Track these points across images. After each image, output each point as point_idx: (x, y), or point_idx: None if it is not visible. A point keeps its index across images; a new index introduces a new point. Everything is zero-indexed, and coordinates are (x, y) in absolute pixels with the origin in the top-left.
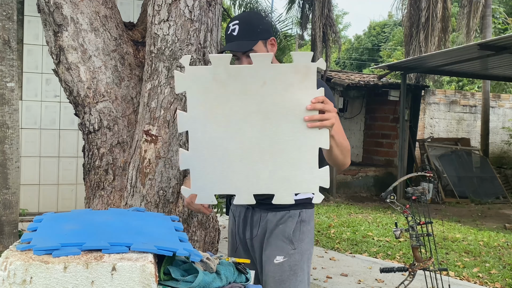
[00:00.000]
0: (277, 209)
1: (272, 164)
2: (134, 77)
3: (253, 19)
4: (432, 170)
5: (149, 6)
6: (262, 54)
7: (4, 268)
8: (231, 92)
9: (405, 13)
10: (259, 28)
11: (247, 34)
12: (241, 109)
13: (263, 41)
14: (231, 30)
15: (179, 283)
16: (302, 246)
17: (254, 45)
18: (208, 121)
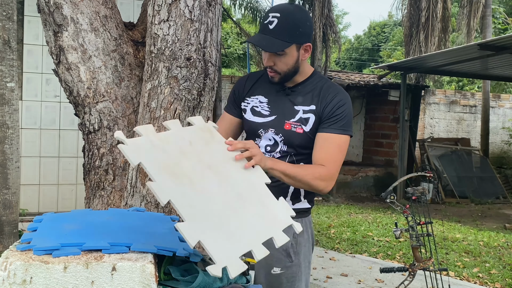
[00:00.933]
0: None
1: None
2: (134, 77)
3: (296, 19)
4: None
5: (149, 6)
6: (172, 122)
7: (4, 268)
8: (173, 155)
9: (405, 13)
10: (299, 30)
11: (283, 33)
12: (193, 168)
13: (297, 45)
14: (269, 21)
15: (179, 283)
16: (300, 258)
17: (286, 47)
18: (178, 185)
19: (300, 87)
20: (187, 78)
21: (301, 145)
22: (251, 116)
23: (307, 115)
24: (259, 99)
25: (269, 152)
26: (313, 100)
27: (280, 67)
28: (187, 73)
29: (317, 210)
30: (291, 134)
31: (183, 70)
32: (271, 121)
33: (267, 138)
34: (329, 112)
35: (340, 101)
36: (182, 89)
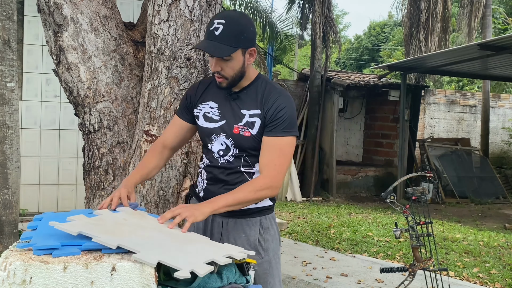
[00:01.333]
0: (237, 216)
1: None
2: (134, 77)
3: (240, 24)
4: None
5: (149, 6)
6: (102, 210)
7: (4, 268)
8: (109, 225)
9: (405, 13)
10: (243, 35)
11: (229, 39)
12: (133, 230)
13: (243, 49)
14: (214, 28)
15: (179, 283)
16: (269, 255)
17: (233, 52)
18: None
19: (245, 91)
20: (187, 78)
21: (251, 148)
22: (203, 122)
23: (253, 118)
24: (210, 104)
25: (223, 156)
26: (257, 104)
27: (227, 72)
28: (187, 73)
29: (317, 210)
30: (240, 138)
31: (183, 70)
32: (221, 126)
33: (219, 143)
34: (271, 116)
35: (281, 104)
36: (182, 89)
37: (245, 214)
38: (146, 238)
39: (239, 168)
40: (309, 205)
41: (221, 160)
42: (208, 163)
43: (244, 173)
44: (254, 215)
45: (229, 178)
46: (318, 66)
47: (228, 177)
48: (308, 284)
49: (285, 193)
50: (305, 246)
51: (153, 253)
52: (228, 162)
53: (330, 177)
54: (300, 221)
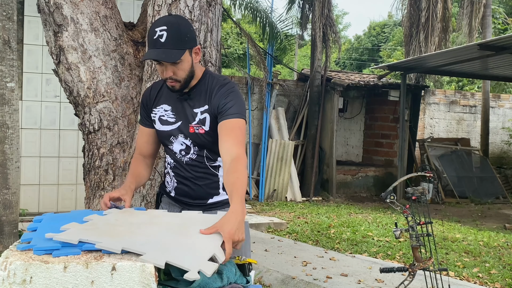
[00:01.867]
0: (211, 208)
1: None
2: (134, 77)
3: (181, 26)
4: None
5: (149, 6)
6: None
7: (4, 268)
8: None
9: (405, 13)
10: (187, 36)
11: (175, 42)
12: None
13: (189, 50)
14: (158, 36)
15: (179, 283)
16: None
17: (182, 55)
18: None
19: (195, 90)
20: None
21: (208, 143)
22: (160, 126)
23: (203, 115)
24: (164, 107)
25: (185, 155)
26: (206, 100)
27: (180, 75)
28: None
29: (317, 210)
30: (196, 136)
31: None
32: (178, 127)
33: (179, 143)
34: (219, 105)
35: (225, 92)
36: None
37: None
38: (145, 235)
39: (205, 163)
40: (309, 205)
41: (185, 159)
42: (173, 163)
43: (210, 167)
44: (225, 206)
45: (197, 175)
46: (318, 66)
47: (196, 173)
48: (308, 284)
49: (285, 193)
50: (305, 246)
51: (159, 253)
52: (191, 160)
53: (330, 177)
54: (300, 221)
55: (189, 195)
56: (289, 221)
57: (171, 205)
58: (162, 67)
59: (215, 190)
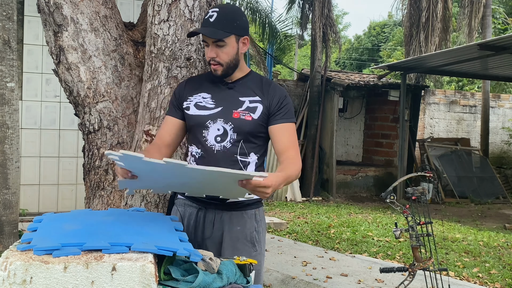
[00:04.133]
0: (232, 209)
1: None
2: (134, 77)
3: (233, 12)
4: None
5: (149, 6)
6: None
7: (4, 268)
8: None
9: (405, 13)
10: (236, 22)
11: (223, 24)
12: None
13: (236, 36)
14: (209, 16)
15: (179, 283)
16: (262, 247)
17: (227, 37)
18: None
19: (240, 82)
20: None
21: (251, 132)
22: (195, 111)
23: (254, 104)
24: (202, 95)
25: (220, 142)
26: (257, 92)
27: (223, 58)
28: (187, 73)
29: (317, 210)
30: (241, 122)
31: (183, 70)
32: (218, 112)
33: (215, 129)
34: (277, 105)
35: (282, 94)
36: None
37: (240, 207)
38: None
39: (236, 156)
40: (309, 205)
41: (216, 147)
42: (200, 153)
43: (239, 162)
44: (249, 207)
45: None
46: (318, 66)
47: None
48: (308, 284)
49: (285, 193)
50: (305, 246)
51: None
52: (224, 149)
53: (330, 177)
54: (300, 221)
55: None
56: (289, 221)
57: (187, 206)
58: (207, 49)
59: None
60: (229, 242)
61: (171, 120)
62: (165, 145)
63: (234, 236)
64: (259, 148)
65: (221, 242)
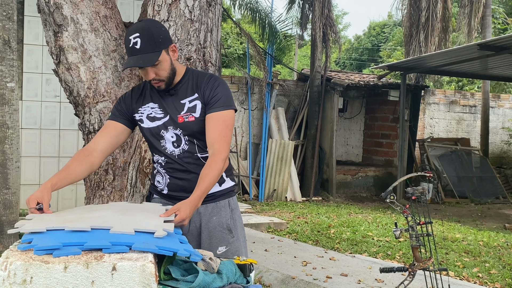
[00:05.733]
0: (206, 201)
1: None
2: (134, 77)
3: (153, 29)
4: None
5: (149, 6)
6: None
7: (4, 268)
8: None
9: (405, 13)
10: (160, 38)
11: (151, 46)
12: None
13: (165, 49)
14: (133, 43)
15: (179, 282)
16: (238, 232)
17: (159, 56)
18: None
19: (180, 85)
20: None
21: (199, 131)
22: (149, 123)
23: (193, 103)
24: (150, 105)
25: (177, 147)
26: (194, 90)
27: (162, 75)
28: None
29: (317, 210)
30: (186, 124)
31: None
32: (167, 121)
33: (169, 136)
34: (209, 95)
35: (215, 82)
36: None
37: (214, 198)
38: (100, 217)
39: (196, 154)
40: (309, 205)
41: (176, 152)
42: (165, 160)
43: (201, 159)
44: (222, 197)
45: (191, 167)
46: (318, 66)
47: (190, 166)
48: (308, 284)
49: (285, 193)
50: (305, 246)
51: (124, 225)
52: (183, 152)
53: (330, 177)
54: (300, 221)
55: (183, 189)
56: (289, 221)
57: (164, 205)
58: (144, 71)
59: None
60: (207, 232)
61: (112, 125)
62: (98, 150)
63: (212, 226)
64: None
65: (200, 234)
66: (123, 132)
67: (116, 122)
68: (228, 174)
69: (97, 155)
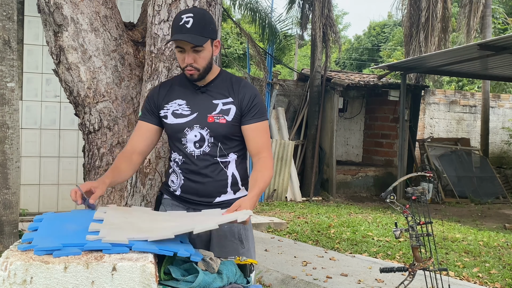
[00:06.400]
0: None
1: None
2: (134, 77)
3: (206, 16)
4: (432, 170)
5: (149, 6)
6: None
7: (4, 268)
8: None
9: (405, 13)
10: (211, 26)
11: (200, 29)
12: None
13: (211, 40)
14: (184, 22)
15: (179, 283)
16: (249, 244)
17: (206, 42)
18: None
19: (212, 84)
20: None
21: (226, 134)
22: (173, 119)
23: (227, 106)
24: (177, 102)
25: (198, 147)
26: (229, 93)
27: (200, 63)
28: None
29: (317, 210)
30: (216, 125)
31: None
32: (194, 118)
33: (193, 135)
34: (247, 105)
35: (252, 93)
36: None
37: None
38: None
39: (216, 158)
40: (309, 205)
41: (196, 152)
42: (182, 159)
43: (220, 163)
44: None
45: (207, 170)
46: (318, 66)
47: (206, 169)
48: (308, 284)
49: (285, 193)
50: (305, 246)
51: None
52: (204, 154)
53: (330, 177)
54: (300, 221)
55: (197, 192)
56: (289, 221)
57: (174, 206)
58: (183, 54)
59: (223, 188)
60: (217, 240)
61: (145, 126)
62: (137, 152)
63: (222, 234)
64: (237, 147)
65: (209, 240)
66: (157, 132)
67: (147, 124)
68: (243, 183)
69: (136, 158)
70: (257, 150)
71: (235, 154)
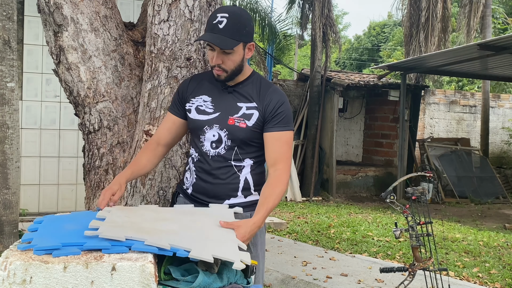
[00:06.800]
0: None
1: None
2: (134, 77)
3: (243, 18)
4: (432, 170)
5: (149, 6)
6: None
7: (4, 268)
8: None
9: (405, 13)
10: (246, 29)
11: (233, 32)
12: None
13: (244, 43)
14: (218, 21)
15: (179, 283)
16: (258, 250)
17: (236, 45)
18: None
19: (241, 85)
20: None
21: (244, 140)
22: (195, 115)
23: (250, 111)
24: (203, 98)
25: (215, 148)
26: (254, 98)
27: (228, 65)
28: (187, 73)
29: (317, 210)
30: (235, 129)
31: (183, 70)
32: (215, 118)
33: (211, 134)
34: (271, 111)
35: (279, 100)
36: None
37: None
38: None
39: (230, 161)
40: (309, 205)
41: (211, 152)
42: (198, 157)
43: (234, 167)
44: (247, 208)
45: (219, 172)
46: (318, 66)
47: (218, 171)
48: (308, 284)
49: (285, 193)
50: (305, 246)
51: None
52: (219, 155)
53: (330, 177)
54: (300, 221)
55: (207, 193)
56: (289, 221)
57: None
58: (213, 53)
59: (233, 192)
60: None
61: (172, 118)
62: (162, 144)
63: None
64: (254, 153)
65: None
66: (182, 125)
67: (174, 116)
68: (256, 188)
69: (161, 150)
70: (274, 161)
71: (252, 160)
